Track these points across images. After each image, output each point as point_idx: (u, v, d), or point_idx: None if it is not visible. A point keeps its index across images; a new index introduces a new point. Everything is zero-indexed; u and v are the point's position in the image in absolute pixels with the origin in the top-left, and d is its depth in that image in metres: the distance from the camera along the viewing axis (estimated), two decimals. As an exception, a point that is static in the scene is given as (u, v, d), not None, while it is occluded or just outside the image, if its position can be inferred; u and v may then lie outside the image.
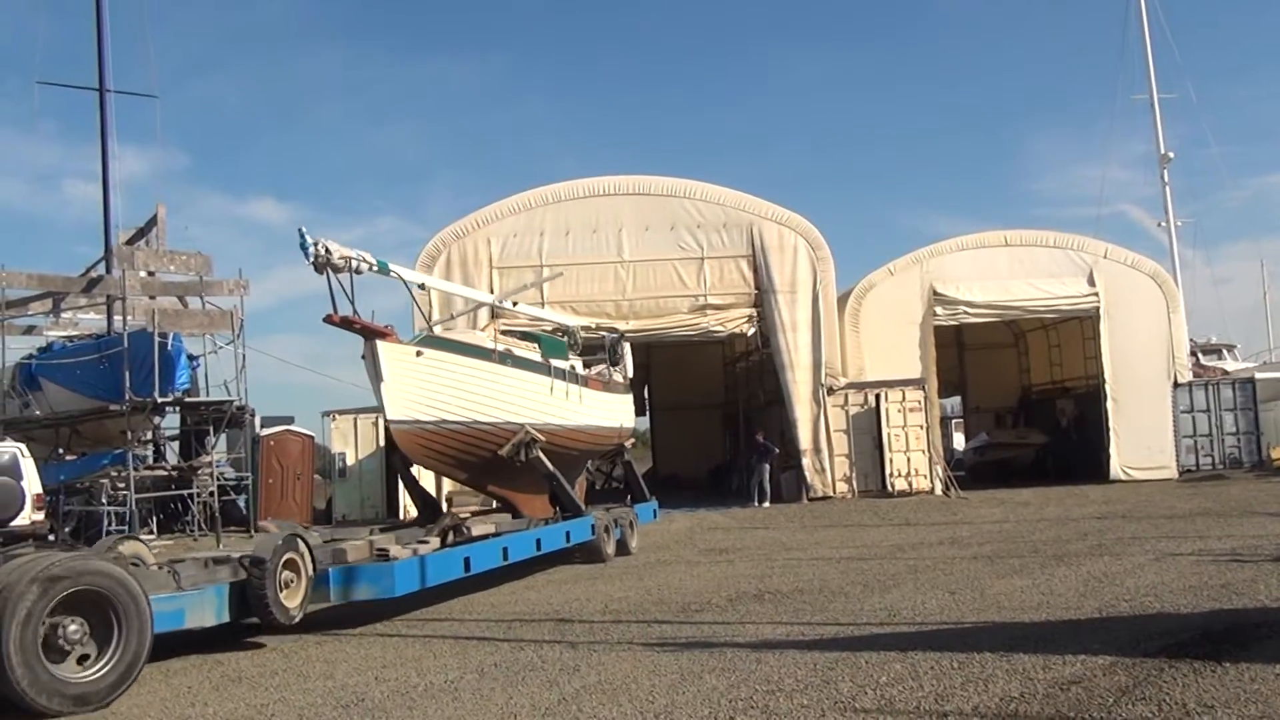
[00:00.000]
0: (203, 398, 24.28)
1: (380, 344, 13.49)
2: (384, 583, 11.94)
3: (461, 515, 15.23)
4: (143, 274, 26.60)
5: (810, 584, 13.59)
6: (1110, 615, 10.18)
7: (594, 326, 23.11)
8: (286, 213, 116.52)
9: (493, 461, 15.84)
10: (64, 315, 29.70)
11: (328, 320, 13.44)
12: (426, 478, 25.92)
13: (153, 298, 26.03)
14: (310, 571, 11.45)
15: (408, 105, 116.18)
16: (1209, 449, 30.16)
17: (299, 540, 11.42)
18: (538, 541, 15.53)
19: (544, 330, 19.90)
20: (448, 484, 25.51)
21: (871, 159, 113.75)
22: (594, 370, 20.03)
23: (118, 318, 25.88)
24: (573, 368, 18.53)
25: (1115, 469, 29.17)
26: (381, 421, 26.52)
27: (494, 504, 16.96)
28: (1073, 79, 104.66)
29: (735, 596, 12.82)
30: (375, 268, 14.35)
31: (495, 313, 22.58)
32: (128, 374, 22.07)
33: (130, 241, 29.42)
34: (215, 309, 25.23)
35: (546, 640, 10.51)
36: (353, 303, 13.51)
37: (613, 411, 20.24)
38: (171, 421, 25.54)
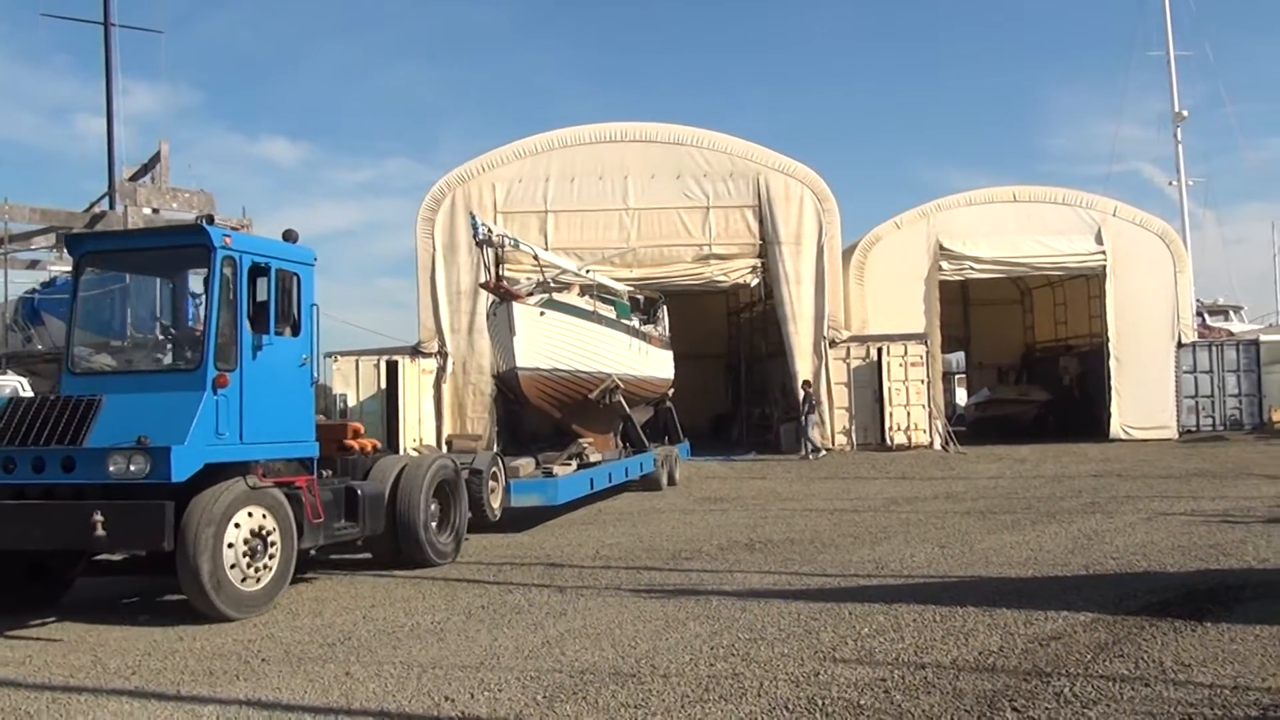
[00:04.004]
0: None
1: (515, 305, 15.80)
2: (550, 492, 15.29)
3: (584, 443, 17.77)
4: (146, 210, 26.51)
5: (802, 534, 13.67)
6: (1096, 573, 10.23)
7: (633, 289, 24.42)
8: (298, 153, 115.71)
9: (582, 404, 18.26)
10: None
11: (484, 286, 16.74)
12: (427, 422, 26.41)
13: (156, 235, 25.93)
14: (505, 481, 14.57)
15: (424, 44, 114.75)
16: (1210, 410, 30.13)
17: (499, 458, 14.81)
18: (626, 469, 18.74)
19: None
20: (447, 428, 25.94)
21: (883, 110, 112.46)
22: (646, 329, 22.13)
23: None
24: (634, 327, 20.96)
25: (1115, 428, 29.16)
26: (383, 363, 26.76)
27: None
28: (1091, 33, 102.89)
29: (726, 545, 12.91)
30: (513, 244, 17.61)
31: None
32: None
33: (134, 178, 29.32)
34: (218, 247, 25.12)
35: (535, 584, 10.59)
36: (494, 269, 16.13)
37: (664, 365, 23.25)
38: (174, 358, 25.56)
